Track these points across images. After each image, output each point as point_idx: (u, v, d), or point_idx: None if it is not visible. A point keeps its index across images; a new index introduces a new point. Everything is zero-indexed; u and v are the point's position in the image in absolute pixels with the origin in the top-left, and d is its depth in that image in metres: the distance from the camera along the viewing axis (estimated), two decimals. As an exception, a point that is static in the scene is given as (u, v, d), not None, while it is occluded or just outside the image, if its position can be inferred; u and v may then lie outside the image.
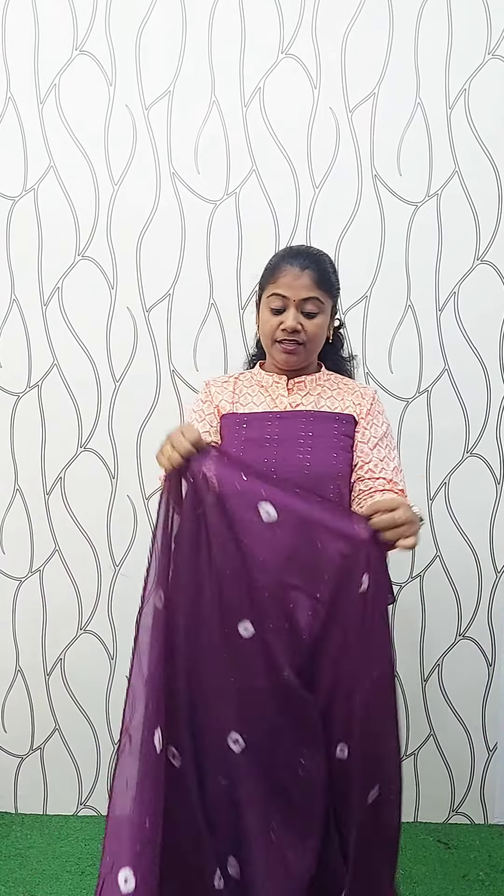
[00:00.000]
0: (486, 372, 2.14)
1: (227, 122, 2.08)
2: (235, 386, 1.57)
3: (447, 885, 1.94)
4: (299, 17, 2.06)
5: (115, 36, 2.06)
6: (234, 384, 1.58)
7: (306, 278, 1.44)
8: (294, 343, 1.47)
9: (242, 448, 1.45)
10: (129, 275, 2.12)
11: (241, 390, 1.56)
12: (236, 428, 1.48)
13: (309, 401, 1.52)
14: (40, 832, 2.17)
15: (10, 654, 2.22)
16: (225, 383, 1.58)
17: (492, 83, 2.06)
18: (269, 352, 1.52)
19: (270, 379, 1.55)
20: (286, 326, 1.45)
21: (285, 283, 1.45)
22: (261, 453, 1.44)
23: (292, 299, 1.44)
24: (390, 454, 1.50)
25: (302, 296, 1.44)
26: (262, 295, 1.51)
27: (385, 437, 1.52)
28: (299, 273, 1.44)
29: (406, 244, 2.11)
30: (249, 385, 1.57)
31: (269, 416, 1.48)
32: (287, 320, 1.45)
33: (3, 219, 2.12)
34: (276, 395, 1.53)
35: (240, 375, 1.61)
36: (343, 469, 1.46)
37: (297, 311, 1.45)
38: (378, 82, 2.07)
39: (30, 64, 2.08)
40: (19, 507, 2.19)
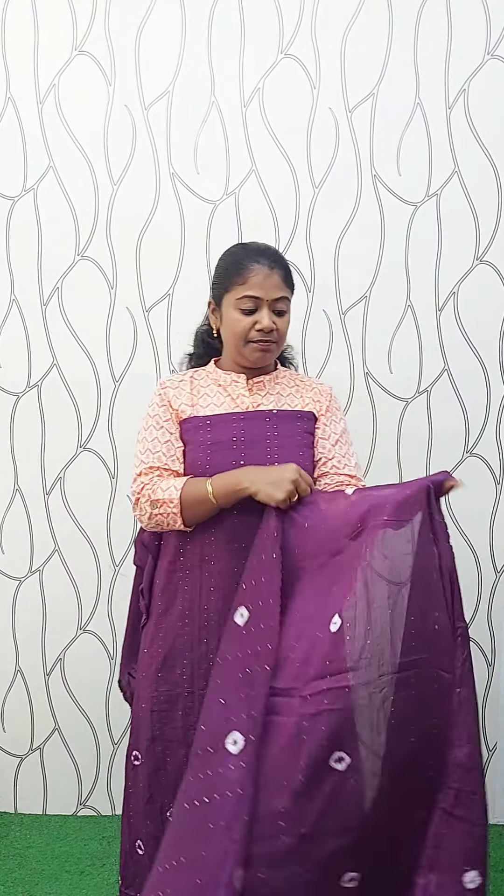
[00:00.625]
0: (485, 372, 2.14)
1: (226, 122, 2.08)
2: (192, 386, 1.54)
3: (447, 885, 1.94)
4: (299, 17, 2.06)
5: (115, 36, 2.06)
6: (190, 384, 1.54)
7: (276, 277, 1.44)
8: (268, 342, 1.46)
9: (210, 451, 1.44)
10: (129, 275, 2.12)
11: (198, 390, 1.53)
12: (201, 431, 1.47)
13: (270, 400, 1.51)
14: (40, 832, 2.16)
15: (9, 654, 2.22)
16: (181, 382, 1.54)
17: (491, 83, 2.06)
18: (240, 352, 1.49)
19: (229, 378, 1.52)
20: (263, 327, 1.44)
21: (257, 284, 1.43)
22: (229, 455, 1.43)
23: (265, 299, 1.43)
24: (349, 450, 1.54)
25: (274, 295, 1.44)
26: (227, 295, 1.47)
27: (344, 433, 1.55)
28: (269, 272, 1.44)
29: (406, 244, 2.11)
30: (207, 384, 1.53)
31: (234, 417, 1.47)
32: (263, 320, 1.43)
33: (3, 219, 2.12)
34: (237, 395, 1.51)
35: (195, 374, 1.57)
36: (308, 466, 1.47)
37: (269, 311, 1.44)
38: (378, 82, 2.07)
39: (29, 64, 2.08)
40: (19, 507, 2.19)
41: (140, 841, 1.53)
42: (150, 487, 1.43)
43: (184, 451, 1.49)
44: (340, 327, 2.13)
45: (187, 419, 1.49)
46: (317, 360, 2.14)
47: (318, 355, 2.13)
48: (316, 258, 2.11)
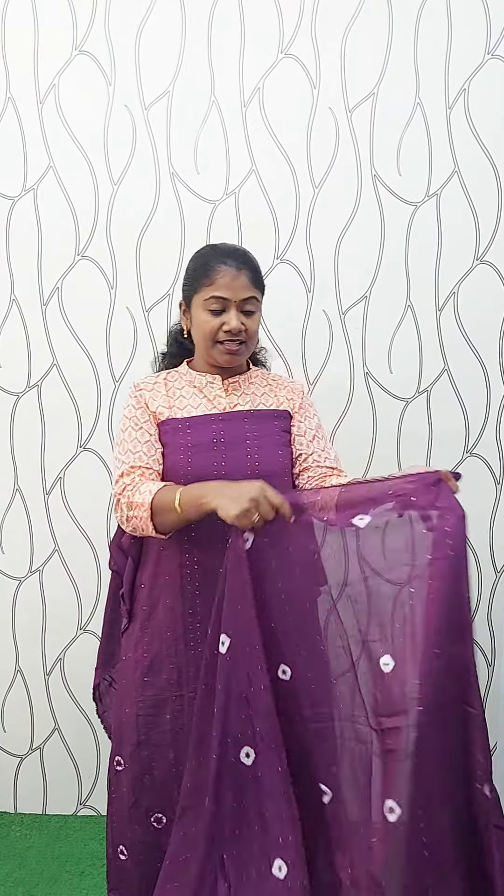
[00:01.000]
0: (485, 372, 2.14)
1: (226, 122, 2.08)
2: (167, 387, 1.53)
3: (447, 885, 1.94)
4: (299, 17, 2.06)
5: (115, 36, 2.06)
6: (165, 385, 1.53)
7: (244, 278, 1.45)
8: (237, 343, 1.46)
9: (191, 453, 1.44)
10: (129, 275, 2.12)
11: (174, 392, 1.52)
12: (180, 433, 1.46)
13: (246, 400, 1.52)
14: (39, 832, 2.16)
15: (9, 654, 2.22)
16: (156, 384, 1.53)
17: (491, 83, 2.06)
18: (209, 352, 1.49)
19: (204, 379, 1.52)
20: (231, 328, 1.44)
21: (224, 285, 1.43)
22: (210, 457, 1.43)
23: (233, 300, 1.44)
24: (327, 444, 1.57)
25: (242, 296, 1.44)
26: (195, 297, 1.47)
27: (319, 428, 1.58)
28: (236, 273, 1.44)
29: (406, 244, 2.11)
30: (181, 386, 1.53)
31: (213, 418, 1.47)
32: (231, 321, 1.44)
33: (3, 219, 2.12)
34: (213, 396, 1.51)
35: (168, 375, 1.56)
36: (287, 465, 1.50)
37: (237, 312, 1.45)
38: (378, 82, 2.07)
39: (29, 64, 2.08)
40: (19, 507, 2.19)
41: (123, 846, 1.51)
42: (132, 488, 1.40)
43: (163, 453, 1.48)
44: (340, 327, 2.13)
45: (165, 421, 1.48)
46: (317, 360, 2.14)
47: (318, 355, 2.13)
48: (316, 258, 2.11)
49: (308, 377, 2.14)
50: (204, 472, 1.41)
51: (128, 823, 1.51)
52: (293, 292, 2.12)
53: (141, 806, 1.49)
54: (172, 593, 1.47)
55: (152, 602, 1.49)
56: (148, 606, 1.50)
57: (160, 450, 1.48)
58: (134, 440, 1.47)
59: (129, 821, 1.50)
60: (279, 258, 2.11)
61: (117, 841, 1.53)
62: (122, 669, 1.55)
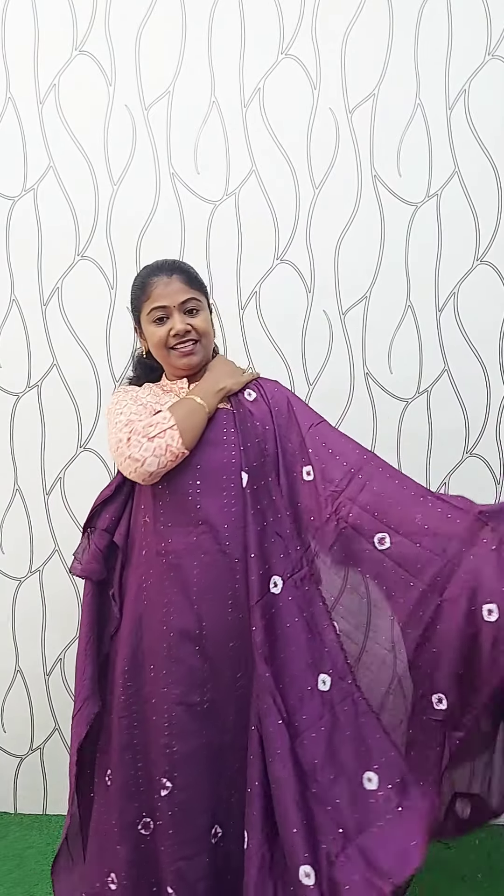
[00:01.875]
0: (485, 372, 2.14)
1: (227, 123, 2.08)
2: (147, 393, 1.55)
3: (446, 884, 1.94)
4: (299, 17, 2.06)
5: (115, 36, 2.06)
6: (143, 392, 1.56)
7: (176, 282, 1.49)
8: (189, 343, 1.50)
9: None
10: (129, 275, 2.09)
11: (154, 398, 1.54)
12: None
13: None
14: (39, 832, 2.16)
15: (9, 654, 2.23)
16: (136, 391, 1.56)
17: (492, 83, 2.06)
18: (168, 361, 1.53)
19: (176, 386, 1.56)
20: (177, 330, 1.48)
21: (159, 294, 1.48)
22: (191, 457, 1.44)
23: (171, 305, 1.48)
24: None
25: (180, 299, 1.48)
26: (141, 315, 1.52)
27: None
28: (168, 280, 1.49)
29: (406, 244, 2.11)
30: (159, 395, 1.55)
31: None
32: (176, 325, 1.48)
33: (3, 219, 2.12)
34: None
35: (140, 391, 1.57)
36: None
37: (180, 314, 1.49)
38: (378, 83, 2.07)
39: (30, 64, 2.08)
40: (19, 507, 2.19)
41: (114, 874, 1.46)
42: (140, 430, 1.41)
43: None
44: (340, 327, 2.13)
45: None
46: (317, 361, 2.14)
47: (318, 355, 2.13)
48: (316, 258, 2.11)
49: (308, 377, 2.14)
50: (181, 471, 1.44)
51: (116, 842, 1.46)
52: (293, 292, 2.12)
53: (126, 815, 1.46)
54: (149, 605, 1.48)
55: (138, 605, 1.50)
56: (133, 610, 1.51)
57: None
58: (134, 412, 1.46)
59: (117, 839, 1.46)
60: (279, 258, 2.11)
61: (107, 867, 1.47)
62: (111, 671, 1.54)
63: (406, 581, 1.35)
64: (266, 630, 1.39)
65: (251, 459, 1.47)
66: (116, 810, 1.47)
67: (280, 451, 1.52)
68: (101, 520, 1.56)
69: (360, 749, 1.37)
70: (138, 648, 1.49)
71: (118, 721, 1.48)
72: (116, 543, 1.55)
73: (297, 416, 1.55)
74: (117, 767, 1.48)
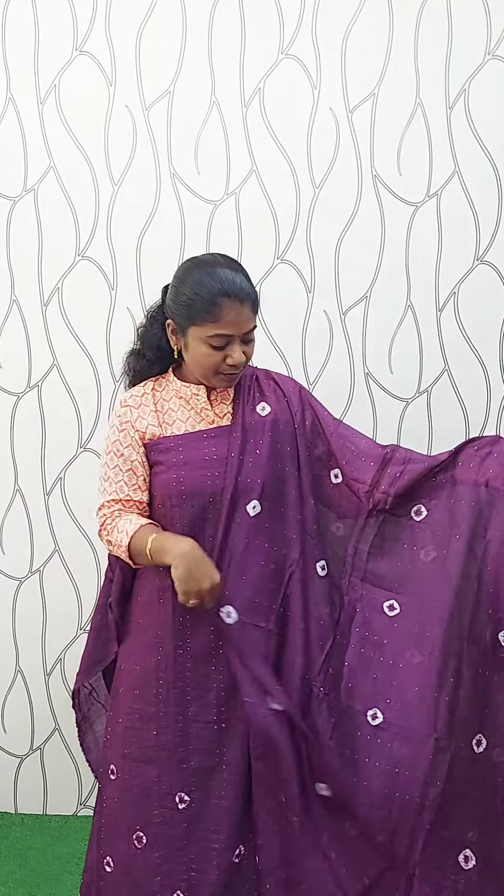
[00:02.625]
0: (486, 372, 2.14)
1: (227, 122, 2.08)
2: (155, 400, 1.50)
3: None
4: (299, 17, 2.06)
5: (115, 36, 2.06)
6: (153, 397, 1.50)
7: (247, 310, 1.40)
8: (238, 369, 1.43)
9: (183, 472, 1.44)
10: (129, 275, 2.12)
11: (162, 406, 1.50)
12: (172, 452, 1.46)
13: (235, 408, 1.50)
14: (40, 832, 2.17)
15: (10, 654, 2.23)
16: (143, 397, 1.50)
17: (492, 83, 2.06)
18: (207, 379, 1.45)
19: (189, 391, 1.49)
20: (235, 361, 1.40)
21: (230, 322, 1.38)
22: (202, 474, 1.44)
23: (237, 335, 1.40)
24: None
25: (245, 329, 1.41)
26: (194, 328, 1.40)
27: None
28: (240, 308, 1.38)
29: (406, 244, 2.11)
30: (169, 398, 1.51)
31: (202, 435, 1.47)
32: (235, 355, 1.40)
33: (3, 219, 2.12)
34: (200, 409, 1.49)
35: (155, 385, 1.52)
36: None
37: (240, 344, 1.41)
38: (378, 82, 2.07)
39: (30, 64, 2.07)
40: (19, 507, 2.19)
41: (110, 858, 1.49)
42: (110, 524, 1.46)
43: (154, 471, 1.48)
44: (340, 327, 2.13)
45: (157, 441, 1.47)
46: (317, 361, 2.14)
47: (318, 355, 2.14)
48: (316, 258, 2.12)
49: (308, 377, 2.14)
50: (195, 487, 1.44)
51: (116, 835, 1.48)
52: (293, 292, 2.12)
53: (127, 818, 1.47)
54: (165, 612, 1.46)
55: (150, 617, 1.49)
56: (145, 620, 1.50)
57: (143, 476, 1.48)
58: (115, 468, 1.47)
59: (117, 834, 1.48)
60: (279, 258, 2.11)
61: (105, 852, 1.50)
62: (117, 678, 1.55)
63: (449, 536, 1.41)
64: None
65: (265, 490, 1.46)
66: (118, 812, 1.48)
67: (304, 458, 1.50)
68: None
69: None
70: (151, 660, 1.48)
71: (125, 730, 1.48)
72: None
73: (321, 422, 1.53)
74: (121, 771, 1.48)
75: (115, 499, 1.47)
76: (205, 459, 1.45)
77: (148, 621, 1.49)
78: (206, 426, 1.48)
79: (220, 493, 1.42)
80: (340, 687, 1.42)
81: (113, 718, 1.53)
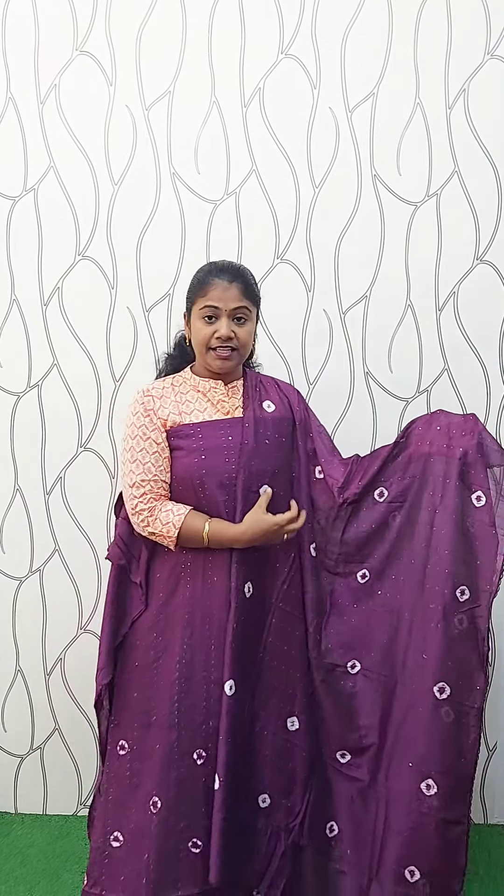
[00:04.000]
0: (486, 372, 2.14)
1: (227, 122, 2.08)
2: (175, 392, 1.65)
3: (447, 884, 1.94)
4: (299, 17, 2.06)
5: (115, 36, 2.06)
6: (172, 390, 1.65)
7: (235, 290, 1.58)
8: (228, 349, 1.58)
9: (204, 456, 1.57)
10: (129, 275, 2.12)
11: (180, 397, 1.64)
12: (192, 438, 1.59)
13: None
14: (40, 832, 2.17)
15: (10, 654, 2.23)
16: (164, 390, 1.65)
17: (491, 83, 2.06)
18: (204, 359, 1.62)
19: (207, 384, 1.65)
20: (220, 335, 1.56)
21: (216, 296, 1.57)
22: (220, 459, 1.58)
23: (224, 309, 1.57)
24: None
25: (232, 305, 1.57)
26: (193, 307, 1.62)
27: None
28: (228, 285, 1.57)
29: (406, 244, 2.11)
30: (187, 391, 1.65)
31: (220, 423, 1.61)
32: (221, 329, 1.57)
33: (3, 219, 2.12)
34: (217, 400, 1.64)
35: (174, 380, 1.68)
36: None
37: (228, 320, 1.58)
38: (378, 82, 2.07)
39: (30, 64, 2.08)
40: (19, 507, 2.19)
41: (118, 832, 1.59)
42: (148, 514, 1.57)
43: (175, 455, 1.60)
44: (340, 327, 2.13)
45: (178, 427, 1.60)
46: (317, 360, 2.14)
47: (318, 355, 2.14)
48: (316, 258, 2.12)
49: (308, 377, 2.14)
50: (216, 472, 1.57)
51: (126, 808, 1.58)
52: (293, 292, 2.12)
53: (142, 789, 1.56)
54: (192, 579, 1.58)
55: (170, 588, 1.60)
56: (166, 593, 1.61)
57: (167, 458, 1.59)
58: (142, 450, 1.59)
59: (128, 806, 1.58)
60: (279, 258, 2.11)
61: (112, 827, 1.60)
62: (130, 656, 1.63)
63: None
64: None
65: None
66: (133, 784, 1.59)
67: (301, 452, 1.71)
68: (123, 509, 1.69)
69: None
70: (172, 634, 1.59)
71: (146, 702, 1.59)
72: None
73: (310, 423, 1.74)
74: (139, 742, 1.59)
75: (145, 479, 1.57)
76: (221, 446, 1.58)
77: (169, 595, 1.60)
78: (221, 416, 1.63)
79: (234, 476, 1.57)
80: (321, 648, 1.66)
81: (124, 696, 1.62)
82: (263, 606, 1.62)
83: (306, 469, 1.70)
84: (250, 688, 1.60)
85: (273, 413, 1.66)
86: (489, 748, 2.23)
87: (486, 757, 2.23)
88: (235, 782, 1.53)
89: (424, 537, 1.61)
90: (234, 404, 1.65)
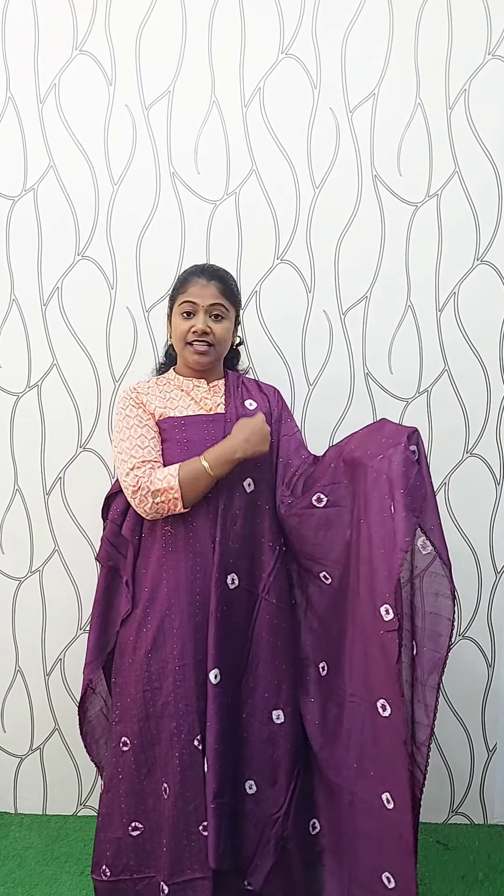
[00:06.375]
0: (485, 372, 2.14)
1: (227, 122, 2.08)
2: (160, 390, 1.72)
3: (446, 885, 1.94)
4: (299, 17, 2.06)
5: (115, 36, 2.06)
6: (157, 388, 1.73)
7: (212, 288, 1.66)
8: (204, 344, 1.66)
9: (186, 448, 1.63)
10: (129, 275, 2.12)
11: (165, 394, 1.72)
12: (176, 430, 1.66)
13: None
14: (39, 832, 2.16)
15: (9, 654, 2.22)
16: (150, 387, 1.73)
17: (492, 83, 2.06)
18: (182, 354, 1.70)
19: (191, 383, 1.73)
20: (197, 329, 1.64)
21: (194, 292, 1.65)
22: (201, 452, 1.61)
23: (201, 305, 1.65)
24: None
25: (209, 302, 1.65)
26: (174, 305, 1.70)
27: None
28: (206, 283, 1.66)
29: (406, 244, 2.11)
30: (171, 389, 1.74)
31: (203, 419, 1.68)
32: (197, 323, 1.64)
33: (3, 219, 2.12)
34: (200, 398, 1.72)
35: (158, 380, 1.76)
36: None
37: (205, 316, 1.65)
38: (378, 82, 2.07)
39: (30, 64, 2.08)
40: (19, 507, 2.19)
41: (137, 822, 1.66)
42: (146, 479, 1.59)
43: (162, 447, 1.67)
44: (340, 327, 2.13)
45: (164, 419, 1.68)
46: (317, 361, 2.14)
47: (318, 355, 2.14)
48: (316, 258, 2.11)
49: (308, 377, 2.14)
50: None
51: (140, 797, 1.65)
52: (293, 292, 2.12)
53: (154, 776, 1.63)
54: (175, 570, 1.63)
55: (155, 583, 1.65)
56: (150, 588, 1.66)
57: (160, 444, 1.68)
58: (140, 436, 1.65)
59: (141, 794, 1.65)
60: (279, 258, 2.11)
61: (130, 818, 1.66)
62: (125, 653, 1.68)
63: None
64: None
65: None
66: (141, 774, 1.65)
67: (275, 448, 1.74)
68: (112, 511, 1.76)
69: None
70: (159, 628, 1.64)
71: (143, 695, 1.63)
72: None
73: (283, 424, 1.77)
74: (142, 735, 1.64)
75: (146, 459, 1.61)
76: (205, 439, 1.64)
77: (157, 587, 1.65)
78: (204, 413, 1.70)
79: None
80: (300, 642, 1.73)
81: (122, 693, 1.67)
82: (250, 598, 1.67)
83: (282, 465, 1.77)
84: (237, 678, 1.64)
85: (254, 411, 1.71)
86: (489, 748, 2.23)
87: (486, 757, 2.22)
88: (224, 769, 1.58)
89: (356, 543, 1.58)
90: (216, 402, 1.71)
